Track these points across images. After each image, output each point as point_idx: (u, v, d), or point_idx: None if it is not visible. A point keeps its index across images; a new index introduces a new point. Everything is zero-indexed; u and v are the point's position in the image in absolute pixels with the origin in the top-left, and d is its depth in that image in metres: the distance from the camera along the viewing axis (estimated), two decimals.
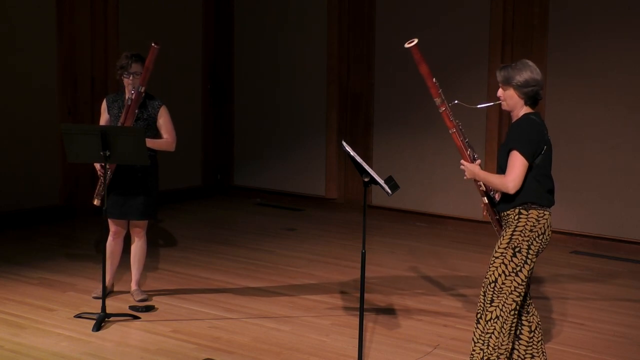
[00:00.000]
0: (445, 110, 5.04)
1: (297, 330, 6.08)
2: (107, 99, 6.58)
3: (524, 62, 4.82)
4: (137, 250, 6.63)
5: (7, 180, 8.84)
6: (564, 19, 8.61)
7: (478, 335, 4.86)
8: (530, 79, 4.75)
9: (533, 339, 4.95)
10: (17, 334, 5.89)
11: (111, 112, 6.49)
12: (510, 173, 4.69)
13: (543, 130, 4.79)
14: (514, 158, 4.69)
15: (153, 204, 6.53)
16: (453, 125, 5.02)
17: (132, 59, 6.36)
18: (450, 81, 9.03)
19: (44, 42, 9.07)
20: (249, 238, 8.78)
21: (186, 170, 10.63)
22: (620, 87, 8.36)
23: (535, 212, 4.75)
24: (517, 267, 4.73)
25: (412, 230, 9.28)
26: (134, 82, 6.34)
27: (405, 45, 5.06)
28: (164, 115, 6.49)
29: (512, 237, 4.74)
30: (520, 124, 4.77)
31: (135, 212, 6.45)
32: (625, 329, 6.28)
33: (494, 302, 4.78)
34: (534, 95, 4.78)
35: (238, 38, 10.75)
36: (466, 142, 5.01)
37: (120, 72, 6.39)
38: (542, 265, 7.93)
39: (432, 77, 5.07)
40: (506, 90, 4.81)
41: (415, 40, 5.03)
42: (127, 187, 6.39)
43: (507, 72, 4.79)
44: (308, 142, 10.30)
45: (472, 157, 4.98)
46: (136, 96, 6.27)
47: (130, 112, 6.28)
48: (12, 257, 7.77)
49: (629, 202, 8.38)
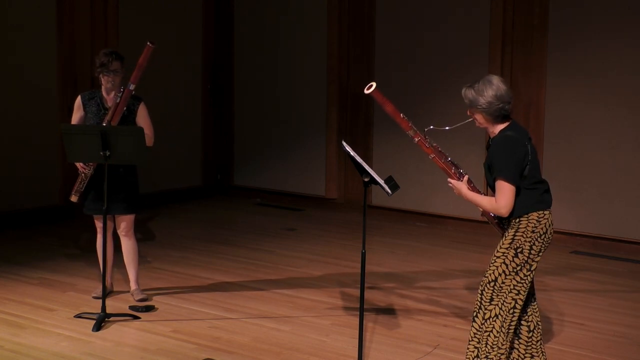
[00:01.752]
0: (420, 139, 5.05)
1: (297, 330, 6.08)
2: (82, 97, 6.52)
3: (487, 79, 4.78)
4: (129, 249, 6.61)
5: (7, 180, 8.84)
6: (564, 19, 8.61)
7: (472, 334, 4.86)
8: (492, 99, 4.72)
9: (532, 338, 4.95)
10: (17, 334, 5.89)
11: (88, 110, 6.45)
12: (501, 200, 4.69)
13: (523, 143, 4.74)
14: (502, 186, 4.68)
15: (136, 199, 6.52)
16: (431, 150, 5.03)
17: (112, 56, 6.35)
18: (450, 81, 9.04)
19: (44, 42, 9.07)
20: (249, 238, 8.77)
21: (186, 170, 10.64)
22: (620, 87, 8.36)
23: (535, 213, 4.75)
24: (517, 267, 4.74)
25: (412, 230, 9.28)
26: (114, 79, 6.34)
27: (365, 91, 5.10)
28: (143, 111, 6.48)
29: (514, 238, 4.74)
30: (498, 147, 4.74)
31: (119, 207, 6.44)
32: (625, 329, 6.28)
33: (494, 300, 4.78)
34: (500, 113, 4.76)
35: (238, 38, 10.75)
36: (449, 162, 5.01)
37: (99, 70, 6.37)
38: (542, 265, 7.90)
39: (399, 113, 5.13)
40: (474, 113, 4.82)
41: (374, 84, 5.09)
42: (109, 183, 6.33)
43: (471, 94, 4.78)
44: (308, 142, 10.30)
45: (458, 174, 4.98)
46: (126, 94, 6.26)
47: (119, 109, 6.27)
48: (12, 257, 7.77)
49: (629, 202, 8.38)
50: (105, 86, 6.42)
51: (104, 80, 6.40)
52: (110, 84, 6.36)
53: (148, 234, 8.82)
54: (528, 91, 8.73)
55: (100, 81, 6.46)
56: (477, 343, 4.84)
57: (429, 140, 5.03)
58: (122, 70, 6.37)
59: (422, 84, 9.14)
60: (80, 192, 6.40)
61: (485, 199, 4.81)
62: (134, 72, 6.23)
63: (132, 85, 6.25)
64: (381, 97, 5.15)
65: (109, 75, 6.35)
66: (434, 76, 9.27)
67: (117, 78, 6.35)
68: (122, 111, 6.29)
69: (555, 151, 8.69)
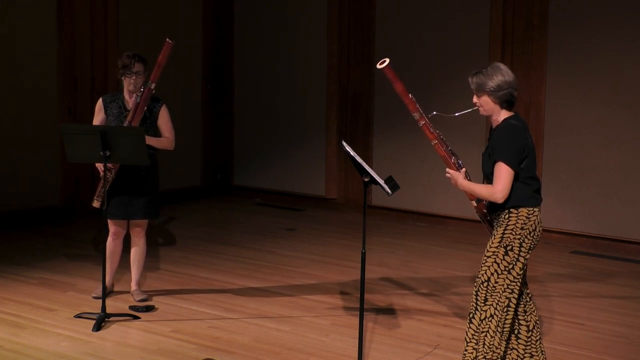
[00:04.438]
0: (425, 123, 5.06)
1: (297, 330, 6.08)
2: (103, 99, 6.53)
3: (495, 65, 4.82)
4: (138, 250, 6.63)
5: (7, 180, 8.84)
6: (564, 19, 8.61)
7: (470, 335, 4.86)
8: (502, 83, 4.75)
9: (531, 338, 4.95)
10: (17, 334, 5.89)
11: (109, 112, 6.47)
12: (498, 184, 4.70)
13: (525, 134, 4.78)
14: (500, 169, 4.69)
15: (156, 203, 6.55)
16: (435, 136, 5.05)
17: (134, 59, 6.35)
18: (450, 81, 9.05)
19: (44, 42, 9.07)
20: (249, 238, 8.77)
21: (186, 170, 10.63)
22: (620, 87, 8.36)
23: (525, 209, 4.76)
24: (509, 265, 4.75)
25: (412, 230, 9.28)
26: (136, 81, 6.34)
27: (377, 66, 5.08)
28: (164, 114, 6.49)
29: (503, 236, 4.75)
30: (502, 132, 4.77)
31: (139, 211, 6.45)
32: (625, 329, 6.28)
33: (488, 300, 4.78)
34: (509, 98, 4.78)
35: (238, 38, 10.75)
36: (449, 151, 5.03)
37: (122, 72, 6.37)
38: (542, 265, 7.94)
39: (407, 93, 5.11)
40: (480, 97, 4.83)
41: (387, 60, 5.07)
42: (131, 188, 6.38)
43: (479, 78, 4.80)
44: (308, 142, 10.30)
45: (457, 164, 4.99)
46: (147, 93, 6.26)
47: (140, 109, 6.27)
48: (12, 257, 7.77)
49: (629, 202, 8.38)
50: (127, 88, 6.40)
51: (126, 82, 6.39)
52: (132, 86, 6.35)
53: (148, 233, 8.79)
54: (528, 91, 8.73)
55: (122, 83, 6.45)
56: (476, 344, 4.84)
57: (432, 126, 5.04)
58: (144, 72, 6.37)
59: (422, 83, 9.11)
60: (102, 197, 6.29)
61: (482, 186, 4.82)
62: (153, 70, 6.23)
63: (153, 84, 6.25)
64: (392, 74, 5.12)
65: (131, 77, 6.34)
66: (434, 76, 9.26)
67: (140, 80, 6.34)
68: (142, 111, 6.28)
69: (555, 151, 8.69)
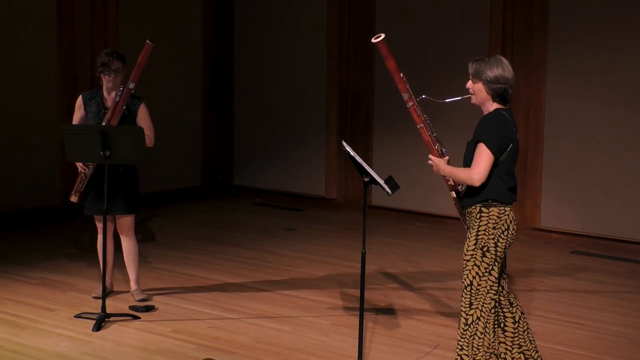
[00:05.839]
0: (413, 105, 5.03)
1: (297, 330, 6.08)
2: (83, 96, 6.53)
3: (498, 58, 4.80)
4: (129, 249, 6.61)
5: (7, 180, 8.84)
6: (564, 19, 8.61)
7: (460, 335, 4.86)
8: (500, 76, 4.74)
9: (518, 329, 4.94)
10: (17, 334, 5.89)
11: (89, 109, 6.46)
12: (476, 166, 4.68)
13: (512, 128, 4.77)
14: (481, 150, 4.68)
15: (136, 199, 6.52)
16: (421, 120, 5.03)
17: (113, 56, 6.36)
18: (450, 81, 9.04)
19: (44, 42, 9.07)
20: (249, 238, 8.77)
21: (186, 170, 10.64)
22: (620, 86, 8.36)
23: (496, 209, 4.75)
24: (489, 267, 4.75)
25: (412, 230, 9.28)
26: (115, 79, 6.34)
27: (372, 40, 5.05)
28: (143, 112, 6.48)
29: (477, 237, 4.75)
30: (490, 118, 4.75)
31: (119, 207, 6.44)
32: (625, 329, 6.28)
33: (473, 304, 4.78)
34: (502, 93, 4.77)
35: (238, 38, 10.75)
36: (434, 137, 5.02)
37: (101, 69, 6.38)
38: (542, 265, 7.95)
39: (399, 72, 5.04)
40: (475, 83, 4.81)
41: (382, 35, 5.03)
42: (108, 184, 6.32)
43: (479, 65, 4.79)
44: (308, 142, 10.30)
45: (440, 152, 4.99)
46: (126, 93, 6.27)
47: (118, 108, 6.27)
48: (12, 257, 7.77)
49: (629, 202, 8.38)
50: (106, 86, 6.42)
51: (105, 80, 6.40)
52: (111, 83, 6.37)
53: (148, 234, 8.82)
54: (528, 91, 8.73)
55: (101, 81, 6.46)
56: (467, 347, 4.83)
57: (420, 110, 5.02)
58: (123, 69, 6.38)
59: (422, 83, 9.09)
60: (80, 192, 6.40)
61: (461, 169, 4.80)
62: (133, 70, 6.24)
63: (132, 84, 6.25)
64: (386, 50, 5.09)
65: (109, 75, 6.35)
66: (433, 75, 9.25)
67: (118, 78, 6.36)
68: (121, 110, 6.29)
69: (555, 151, 8.69)
